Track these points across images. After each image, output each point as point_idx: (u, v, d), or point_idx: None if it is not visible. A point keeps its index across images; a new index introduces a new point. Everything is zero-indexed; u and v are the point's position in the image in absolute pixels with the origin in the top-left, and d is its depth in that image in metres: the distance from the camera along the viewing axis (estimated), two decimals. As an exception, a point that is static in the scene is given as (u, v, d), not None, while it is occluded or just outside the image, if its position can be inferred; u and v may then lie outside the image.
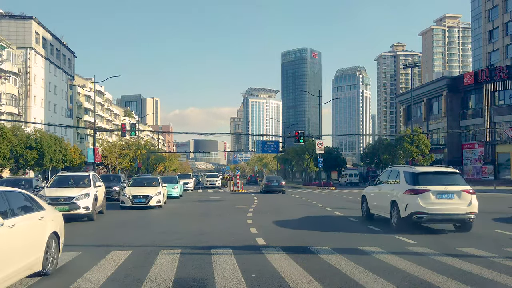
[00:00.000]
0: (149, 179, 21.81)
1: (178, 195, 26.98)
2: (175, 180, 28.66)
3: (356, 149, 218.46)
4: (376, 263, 7.43)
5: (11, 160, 37.95)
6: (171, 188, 25.79)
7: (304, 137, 36.89)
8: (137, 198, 18.31)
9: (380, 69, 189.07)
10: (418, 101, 62.93)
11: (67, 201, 13.63)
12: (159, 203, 18.73)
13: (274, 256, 8.00)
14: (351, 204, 21.94)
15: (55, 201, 13.32)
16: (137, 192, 18.66)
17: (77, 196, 13.82)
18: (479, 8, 76.87)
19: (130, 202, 18.24)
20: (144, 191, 18.76)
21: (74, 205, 13.62)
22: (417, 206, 10.94)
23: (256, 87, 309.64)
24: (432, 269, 6.94)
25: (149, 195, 18.45)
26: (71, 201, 13.63)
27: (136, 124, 56.50)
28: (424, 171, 11.86)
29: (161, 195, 18.92)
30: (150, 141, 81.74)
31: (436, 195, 10.99)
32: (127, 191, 18.83)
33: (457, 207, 11.04)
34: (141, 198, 18.30)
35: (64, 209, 13.14)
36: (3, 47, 51.74)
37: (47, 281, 6.42)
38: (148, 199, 18.32)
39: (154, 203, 18.42)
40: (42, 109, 60.01)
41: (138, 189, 19.16)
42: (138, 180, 21.49)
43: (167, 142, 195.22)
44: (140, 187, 19.50)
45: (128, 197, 18.33)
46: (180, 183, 28.95)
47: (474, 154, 54.16)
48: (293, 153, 65.41)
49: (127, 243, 9.72)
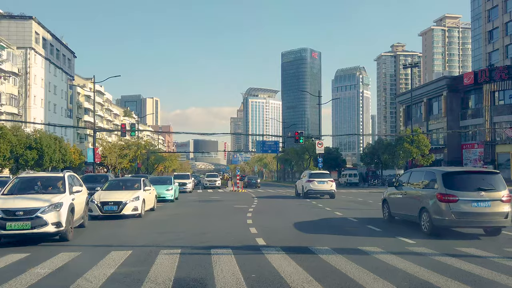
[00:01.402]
0: (130, 180, 18.41)
1: (173, 198, 23.52)
2: (169, 180, 25.59)
3: (356, 149, 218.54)
4: (376, 263, 7.43)
5: (11, 160, 37.96)
6: (164, 190, 22.93)
7: (304, 137, 36.93)
8: (107, 205, 14.82)
9: (380, 69, 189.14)
10: (418, 101, 62.91)
11: (29, 215, 9.45)
12: (136, 211, 15.02)
13: (274, 256, 8.00)
14: (351, 204, 21.94)
15: (10, 215, 9.37)
16: (108, 198, 15.12)
17: (43, 208, 9.62)
18: (479, 8, 76.88)
19: (98, 211, 14.75)
20: (117, 196, 15.19)
21: (39, 220, 9.47)
22: (311, 186, 11.26)
23: (256, 87, 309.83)
24: (432, 269, 6.94)
25: (122, 201, 14.85)
26: (34, 215, 9.48)
27: (136, 124, 56.54)
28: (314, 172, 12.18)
29: (138, 201, 15.22)
30: (150, 141, 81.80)
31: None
32: (97, 196, 15.30)
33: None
34: (112, 205, 14.80)
35: (24, 226, 9.35)
36: (3, 47, 51.74)
37: (47, 281, 6.42)
38: (121, 207, 14.75)
39: (129, 211, 14.85)
40: (42, 109, 60.01)
41: (111, 193, 15.67)
42: (114, 182, 17.96)
43: (167, 142, 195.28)
44: (113, 191, 16.06)
45: (96, 204, 14.81)
46: (175, 184, 25.82)
47: (474, 154, 54.16)
48: (293, 153, 65.46)
49: (127, 243, 9.72)
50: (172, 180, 25.83)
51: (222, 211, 17.85)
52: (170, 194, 23.32)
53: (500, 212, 10.41)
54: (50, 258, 7.89)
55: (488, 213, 10.40)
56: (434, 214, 10.66)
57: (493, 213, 10.42)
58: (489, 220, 10.56)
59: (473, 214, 10.35)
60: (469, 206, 10.39)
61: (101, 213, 14.79)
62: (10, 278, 6.42)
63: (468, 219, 10.40)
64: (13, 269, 7.13)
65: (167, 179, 26.45)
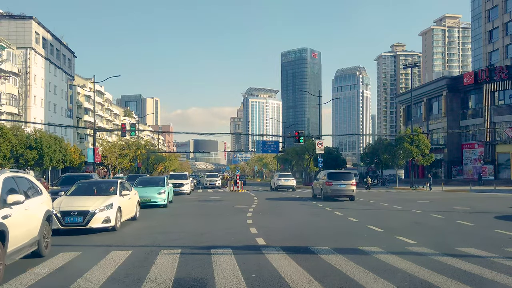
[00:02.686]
0: (105, 183, 14.74)
1: (165, 202, 19.93)
2: (162, 181, 21.69)
3: (356, 149, 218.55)
4: (376, 263, 7.43)
5: (11, 160, 37.95)
6: (155, 194, 19.69)
7: (304, 137, 36.89)
8: (69, 215, 11.23)
9: (380, 69, 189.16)
10: (418, 101, 62.90)
11: None
12: (108, 223, 11.52)
13: (274, 256, 7.99)
14: (351, 204, 21.93)
15: None
16: (71, 206, 11.57)
17: None
18: (479, 8, 76.90)
19: (58, 223, 11.06)
20: (83, 204, 11.69)
21: None
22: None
23: (256, 87, 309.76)
24: (432, 269, 6.93)
25: (90, 210, 11.33)
26: None
27: (136, 124, 56.49)
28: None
29: (112, 209, 11.75)
30: (150, 141, 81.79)
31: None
32: (57, 203, 11.58)
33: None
34: (76, 215, 11.25)
35: None
36: (3, 47, 51.74)
37: (47, 281, 6.42)
38: (88, 217, 11.23)
39: (98, 223, 11.32)
40: (42, 109, 60.01)
41: (76, 200, 12.16)
42: (83, 185, 13.86)
43: (167, 142, 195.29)
44: (80, 197, 12.48)
45: (56, 213, 10.98)
46: (169, 186, 22.15)
47: (474, 154, 54.16)
48: (293, 153, 65.38)
49: (127, 243, 9.72)
50: (165, 181, 21.92)
51: (222, 211, 17.84)
52: (162, 198, 19.82)
53: (350, 189, 23.63)
54: (50, 258, 7.87)
55: (345, 190, 23.62)
56: (324, 191, 23.89)
57: (347, 190, 23.61)
58: (346, 193, 23.62)
59: (339, 190, 23.65)
60: (338, 186, 23.56)
61: (61, 226, 11.14)
62: (10, 278, 6.42)
63: (337, 193, 23.62)
64: (13, 269, 7.13)
65: (159, 180, 22.39)
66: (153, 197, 19.56)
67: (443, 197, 28.44)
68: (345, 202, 23.19)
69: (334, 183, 23.68)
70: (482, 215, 16.59)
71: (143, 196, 18.49)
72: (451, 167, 57.01)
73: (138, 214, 14.68)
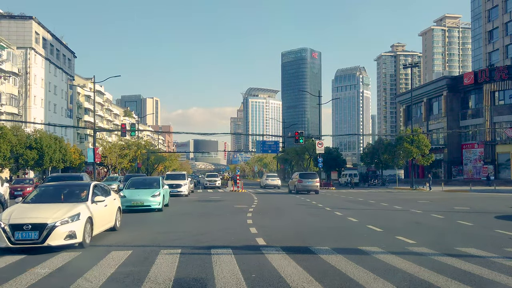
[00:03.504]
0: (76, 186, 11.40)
1: (160, 206, 17.68)
2: (157, 183, 19.60)
3: (356, 149, 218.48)
4: (376, 263, 7.43)
5: (11, 160, 37.98)
6: (148, 197, 17.56)
7: (304, 137, 36.88)
8: (21, 230, 8.42)
9: (380, 69, 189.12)
10: (418, 101, 62.90)
11: None
12: (72, 240, 8.77)
13: (274, 256, 8.00)
14: (351, 204, 21.95)
15: None
16: (24, 217, 8.69)
17: None
18: (479, 8, 76.90)
19: (6, 240, 8.36)
20: (40, 215, 8.81)
21: None
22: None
23: (256, 87, 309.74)
24: (432, 269, 6.93)
25: (48, 223, 8.51)
26: None
27: (136, 124, 56.51)
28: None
29: (78, 221, 8.95)
30: (150, 141, 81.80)
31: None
32: (6, 214, 8.92)
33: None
34: (29, 230, 8.42)
35: None
36: (3, 47, 51.75)
37: (47, 281, 6.42)
38: (46, 232, 8.44)
39: (59, 240, 8.57)
40: (42, 109, 60.01)
41: (32, 209, 9.23)
42: (47, 190, 10.83)
43: (167, 142, 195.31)
44: (39, 205, 9.55)
45: (3, 227, 8.43)
46: (165, 187, 19.86)
47: (474, 154, 54.14)
48: (293, 153, 65.40)
49: (127, 243, 9.72)
50: (161, 182, 19.77)
51: (222, 211, 17.83)
52: (156, 201, 17.62)
53: (315, 185, 32.01)
54: (50, 258, 7.88)
55: (312, 185, 31.90)
56: (297, 187, 32.25)
57: (313, 185, 31.91)
58: (312, 188, 31.87)
59: (307, 186, 31.92)
60: (306, 183, 31.90)
61: (9, 243, 8.34)
62: (10, 278, 6.42)
63: (305, 188, 31.96)
64: (13, 269, 7.13)
65: (154, 181, 20.27)
66: (147, 201, 17.46)
67: (443, 197, 28.46)
68: (345, 202, 23.28)
69: (304, 181, 32.48)
70: (482, 215, 16.60)
71: (135, 200, 17.35)
72: (451, 167, 57.03)
73: (119, 224, 11.94)
